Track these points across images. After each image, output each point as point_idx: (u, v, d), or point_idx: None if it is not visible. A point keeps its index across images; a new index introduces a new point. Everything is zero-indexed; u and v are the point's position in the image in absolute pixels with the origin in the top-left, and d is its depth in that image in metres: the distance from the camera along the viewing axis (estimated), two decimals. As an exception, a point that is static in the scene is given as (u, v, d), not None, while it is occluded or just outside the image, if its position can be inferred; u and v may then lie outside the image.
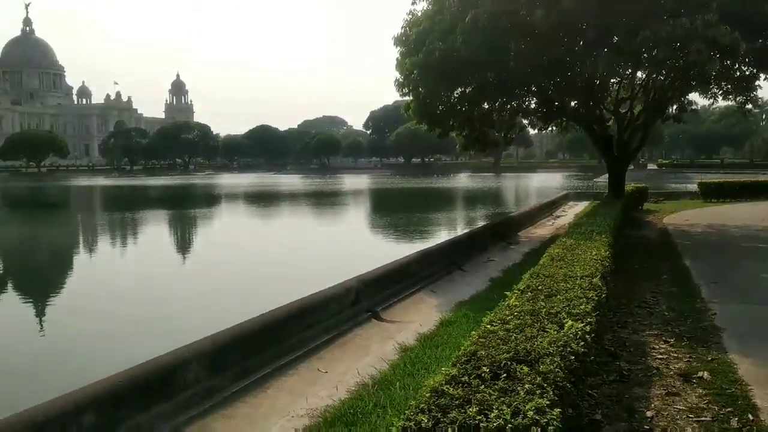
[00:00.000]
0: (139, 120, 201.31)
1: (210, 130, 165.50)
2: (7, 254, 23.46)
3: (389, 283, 10.42)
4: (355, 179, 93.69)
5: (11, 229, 33.37)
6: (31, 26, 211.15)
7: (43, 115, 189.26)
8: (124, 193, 67.00)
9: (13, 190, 74.58)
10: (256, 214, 39.56)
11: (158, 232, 29.61)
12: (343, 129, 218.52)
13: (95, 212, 43.86)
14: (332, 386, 6.36)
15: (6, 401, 7.24)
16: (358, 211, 41.69)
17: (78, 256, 22.77)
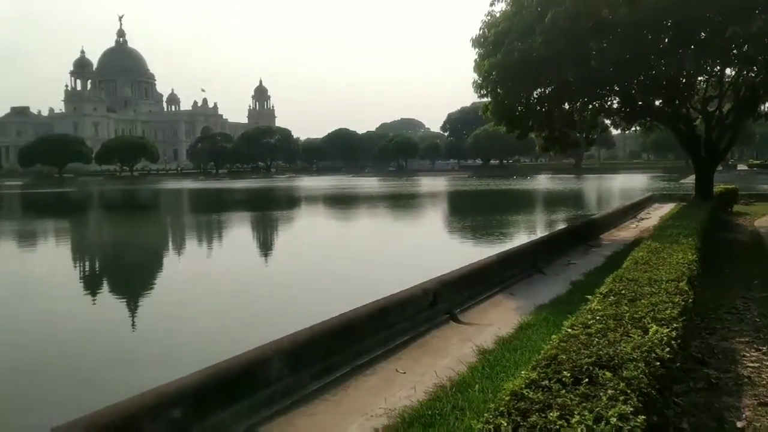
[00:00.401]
0: (224, 125, 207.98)
1: (291, 134, 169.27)
2: (105, 253, 24.70)
3: (467, 286, 10.36)
4: (433, 181, 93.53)
5: (111, 229, 35.14)
6: (124, 37, 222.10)
7: (136, 122, 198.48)
8: (211, 195, 69.32)
9: (109, 193, 78.51)
10: (335, 216, 40.12)
11: (242, 232, 30.47)
12: (421, 131, 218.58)
13: (186, 213, 45.59)
14: (410, 387, 6.38)
15: (101, 393, 7.64)
16: (436, 213, 41.61)
17: (171, 255, 23.72)
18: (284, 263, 20.16)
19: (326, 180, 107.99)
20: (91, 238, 30.94)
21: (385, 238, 26.27)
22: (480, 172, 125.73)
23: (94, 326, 12.29)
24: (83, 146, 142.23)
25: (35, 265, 21.02)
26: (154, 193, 75.48)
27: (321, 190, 73.45)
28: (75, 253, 24.67)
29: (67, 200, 65.94)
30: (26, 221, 40.11)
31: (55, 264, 21.20)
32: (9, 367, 9.56)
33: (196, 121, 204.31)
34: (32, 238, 29.03)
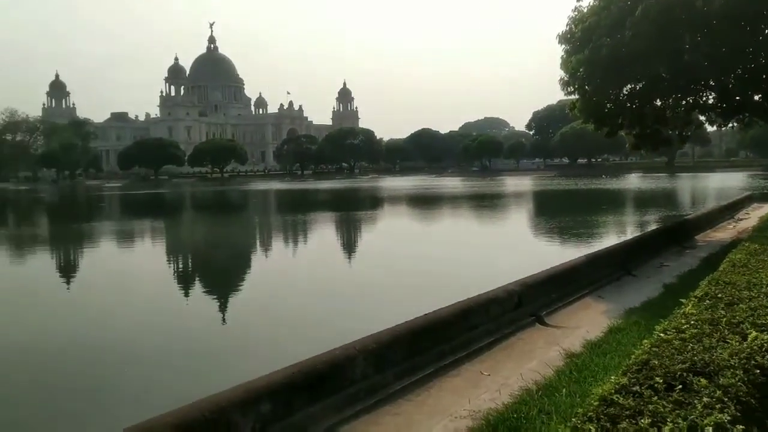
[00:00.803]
0: (309, 127, 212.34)
1: (374, 135, 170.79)
2: (198, 251, 25.71)
3: (554, 288, 10.16)
4: (517, 181, 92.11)
5: (204, 228, 36.55)
6: (215, 44, 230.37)
7: (225, 125, 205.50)
8: (297, 196, 70.88)
9: (201, 194, 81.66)
10: (417, 216, 40.18)
11: (327, 232, 31.00)
12: (505, 130, 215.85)
13: (273, 213, 46.85)
14: (495, 389, 6.34)
15: (194, 386, 7.97)
16: (521, 213, 40.97)
17: (260, 253, 24.44)
18: (367, 263, 20.38)
19: (409, 180, 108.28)
20: (184, 237, 32.27)
21: (468, 239, 26.09)
22: (567, 171, 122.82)
23: (186, 321, 12.83)
24: (177, 149, 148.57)
25: (133, 261, 22.14)
26: (243, 194, 77.90)
27: (404, 190, 73.74)
28: (170, 251, 25.80)
29: (162, 201, 69.07)
30: (125, 221, 42.28)
31: (152, 261, 22.25)
32: (100, 359, 10.12)
33: (282, 123, 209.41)
34: (131, 237, 30.56)
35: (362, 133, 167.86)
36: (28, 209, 60.03)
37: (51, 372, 9.62)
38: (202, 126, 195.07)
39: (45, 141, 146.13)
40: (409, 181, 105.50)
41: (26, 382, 9.19)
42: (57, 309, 14.32)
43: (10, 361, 10.13)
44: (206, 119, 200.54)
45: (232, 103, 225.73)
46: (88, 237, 30.51)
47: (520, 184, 79.99)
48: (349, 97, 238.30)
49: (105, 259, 23.08)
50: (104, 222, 40.75)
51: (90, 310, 13.95)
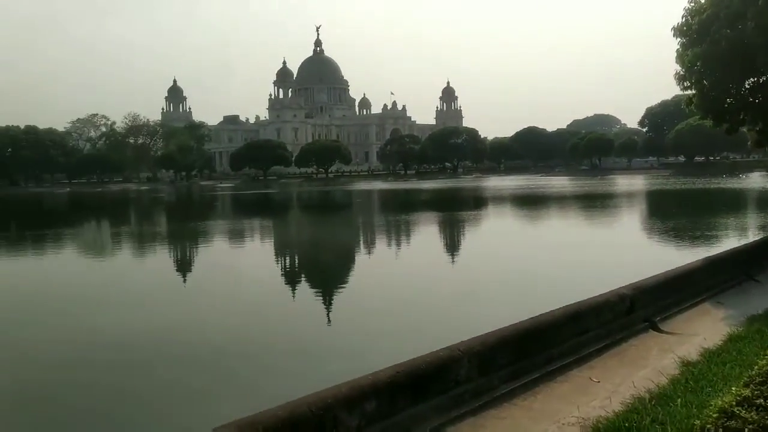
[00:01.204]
0: (412, 127, 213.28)
1: (477, 133, 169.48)
2: (304, 250, 26.50)
3: (669, 292, 9.72)
4: (629, 180, 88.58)
5: (310, 227, 37.64)
6: (321, 47, 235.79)
7: (330, 126, 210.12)
8: (400, 195, 71.46)
9: (307, 193, 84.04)
10: (523, 216, 39.52)
11: (431, 232, 31.06)
12: (616, 128, 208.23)
13: (377, 213, 47.48)
14: (605, 397, 6.16)
15: (298, 383, 8.24)
16: (632, 213, 39.39)
17: (365, 253, 24.85)
18: (472, 264, 20.27)
19: (514, 180, 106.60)
20: (292, 236, 33.32)
21: (577, 240, 25.39)
22: (683, 169, 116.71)
23: (291, 319, 13.26)
24: (284, 150, 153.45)
25: (243, 259, 23.11)
26: (347, 194, 79.41)
27: (509, 189, 72.69)
28: (278, 250, 26.72)
29: (271, 200, 71.61)
30: (238, 219, 44.15)
31: (260, 259, 23.14)
32: (210, 353, 10.63)
33: (385, 123, 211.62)
34: (242, 235, 31.88)
35: (466, 132, 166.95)
36: (150, 208, 63.95)
37: (153, 365, 10.22)
38: (308, 127, 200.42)
39: (164, 143, 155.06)
40: (514, 180, 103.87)
41: (138, 377, 9.82)
42: (169, 304, 15.16)
43: (121, 352, 10.84)
44: (312, 121, 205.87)
45: (337, 105, 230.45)
46: (203, 234, 32.11)
47: (633, 184, 76.87)
48: (453, 96, 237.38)
49: (218, 256, 24.22)
50: (218, 220, 42.75)
51: (200, 306, 14.69)
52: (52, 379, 9.54)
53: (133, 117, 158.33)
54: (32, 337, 11.85)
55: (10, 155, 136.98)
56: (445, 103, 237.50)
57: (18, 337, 11.99)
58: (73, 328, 12.60)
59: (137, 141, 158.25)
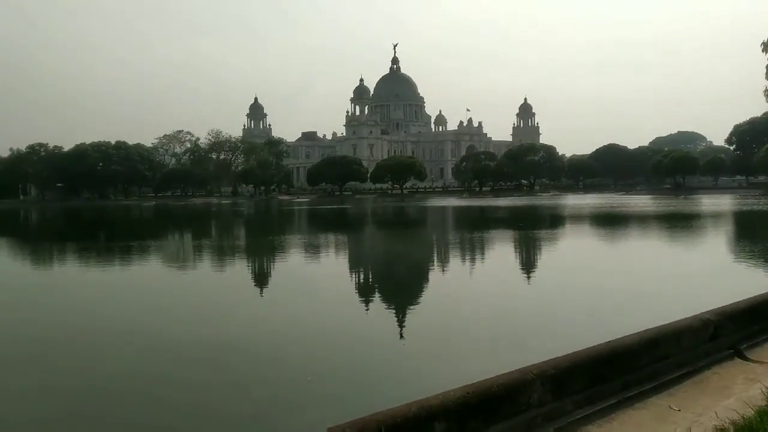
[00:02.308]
0: (487, 143, 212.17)
1: (555, 150, 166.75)
2: (377, 264, 26.68)
3: (757, 319, 9.23)
4: (715, 200, 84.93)
5: (384, 242, 37.89)
6: (398, 64, 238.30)
7: (406, 143, 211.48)
8: (474, 212, 70.98)
9: (382, 209, 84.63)
10: (602, 236, 38.48)
11: (505, 250, 30.67)
12: (702, 145, 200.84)
13: (451, 229, 47.33)
14: (685, 426, 5.91)
15: (367, 399, 8.27)
16: (719, 235, 37.69)
17: (437, 269, 24.80)
18: (547, 283, 19.88)
19: (593, 198, 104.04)
20: (365, 250, 33.58)
21: (658, 262, 24.50)
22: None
23: (363, 334, 13.34)
24: (360, 166, 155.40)
25: (318, 273, 23.47)
26: (422, 210, 79.50)
27: (587, 208, 71.01)
28: (352, 264, 26.99)
29: (346, 215, 72.54)
30: (314, 234, 44.91)
31: (335, 273, 23.43)
32: (289, 364, 10.81)
33: (461, 140, 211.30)
34: (317, 249, 32.39)
35: (543, 149, 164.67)
36: (230, 221, 65.92)
37: (230, 374, 10.47)
38: (384, 143, 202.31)
39: (244, 159, 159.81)
40: (593, 198, 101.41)
41: (224, 384, 10.09)
42: (246, 316, 15.54)
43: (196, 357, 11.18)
44: (388, 137, 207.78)
45: (412, 121, 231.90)
46: (280, 248, 32.81)
47: (719, 204, 73.64)
48: (530, 113, 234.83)
49: (295, 269, 24.68)
50: (295, 234, 43.62)
51: (275, 320, 14.99)
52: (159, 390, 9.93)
53: (215, 133, 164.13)
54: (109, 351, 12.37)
55: (101, 169, 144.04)
56: (521, 119, 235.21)
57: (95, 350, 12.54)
58: (157, 338, 13.09)
59: (219, 156, 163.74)
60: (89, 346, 12.48)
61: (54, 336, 13.45)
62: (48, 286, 21.36)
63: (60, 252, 34.61)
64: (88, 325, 14.39)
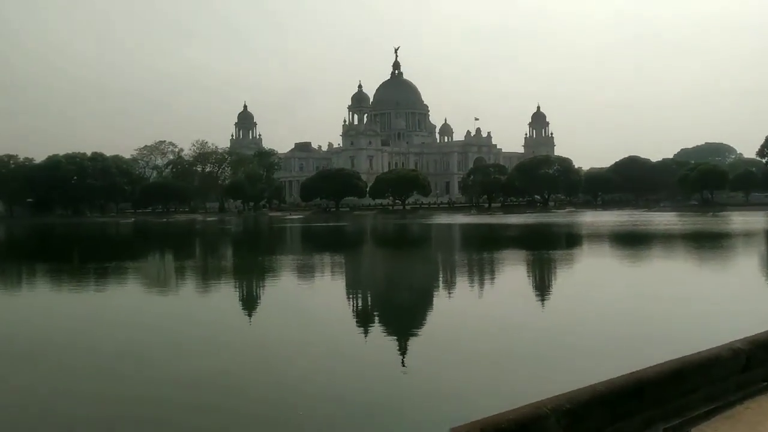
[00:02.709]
0: (497, 155, 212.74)
1: (571, 163, 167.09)
2: (377, 288, 26.65)
3: (792, 349, 9.24)
4: (747, 217, 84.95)
5: (384, 263, 37.88)
6: (399, 69, 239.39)
7: (408, 155, 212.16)
8: (484, 231, 70.98)
9: (381, 227, 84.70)
10: (624, 257, 38.46)
11: (516, 273, 30.63)
12: (731, 158, 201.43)
13: (456, 249, 47.30)
14: (715, 467, 5.89)
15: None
16: (751, 256, 37.67)
17: (442, 293, 24.77)
18: (563, 310, 19.85)
19: (612, 215, 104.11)
20: (364, 273, 33.56)
21: (684, 286, 24.48)
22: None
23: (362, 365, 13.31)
24: (358, 180, 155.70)
25: (312, 298, 23.44)
26: (426, 228, 79.51)
27: (607, 226, 71.03)
28: (349, 288, 26.96)
29: (342, 233, 72.55)
30: (306, 254, 44.91)
31: (330, 298, 23.39)
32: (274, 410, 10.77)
33: (468, 151, 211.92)
34: (311, 271, 32.36)
35: (558, 161, 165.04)
36: (216, 240, 65.93)
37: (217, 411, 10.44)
38: (384, 155, 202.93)
39: (232, 172, 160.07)
40: (613, 216, 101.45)
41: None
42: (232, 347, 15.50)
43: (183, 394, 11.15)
44: (389, 148, 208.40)
45: (415, 131, 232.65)
46: (270, 270, 32.78)
47: (752, 222, 73.64)
48: (544, 122, 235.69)
49: (287, 294, 24.66)
50: (287, 255, 43.60)
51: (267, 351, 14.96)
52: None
53: (200, 144, 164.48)
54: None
55: (76, 183, 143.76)
56: (534, 129, 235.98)
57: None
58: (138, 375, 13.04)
59: (205, 169, 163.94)
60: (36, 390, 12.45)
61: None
62: (4, 314, 21.34)
63: (28, 274, 34.59)
64: (40, 365, 14.27)
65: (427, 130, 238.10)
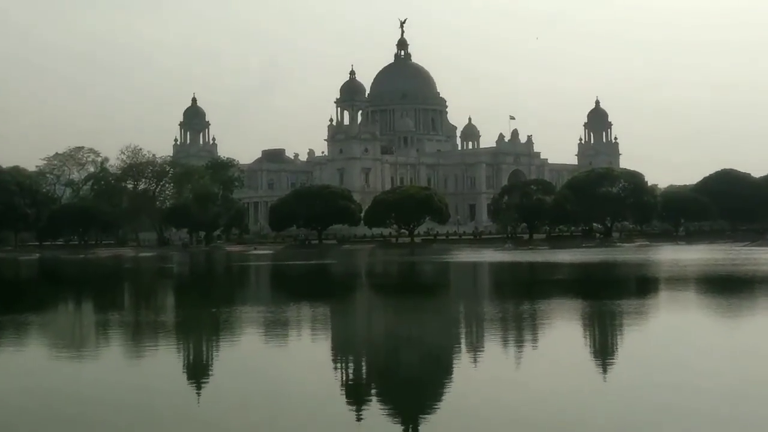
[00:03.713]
0: (541, 168, 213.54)
1: (642, 179, 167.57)
2: (380, 352, 26.44)
3: None
4: None
5: (386, 319, 37.62)
6: (406, 49, 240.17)
7: (418, 166, 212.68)
8: (523, 272, 70.65)
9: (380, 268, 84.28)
10: (718, 311, 38.19)
11: (573, 331, 30.43)
12: None
13: (486, 298, 47.01)
14: None
15: None
16: None
17: (465, 359, 24.56)
18: (632, 383, 19.65)
19: (702, 251, 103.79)
20: (358, 332, 33.36)
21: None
22: None
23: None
24: (349, 201, 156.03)
25: (287, 366, 23.21)
26: (442, 268, 79.23)
27: (694, 267, 70.78)
28: (336, 353, 26.76)
29: (328, 276, 72.29)
30: (277, 305, 44.62)
31: (310, 365, 23.18)
32: None
33: (501, 163, 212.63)
34: (284, 329, 32.11)
35: (624, 176, 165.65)
36: (151, 285, 65.64)
37: None
38: (386, 167, 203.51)
39: (175, 189, 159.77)
40: (701, 252, 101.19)
41: None
42: None
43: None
44: (391, 158, 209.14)
45: (428, 134, 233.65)
46: (228, 327, 32.58)
47: None
48: (604, 123, 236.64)
49: (250, 361, 24.45)
50: (250, 306, 43.35)
51: None
52: None
53: (132, 151, 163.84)
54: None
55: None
56: (592, 132, 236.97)
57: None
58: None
59: (138, 186, 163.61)
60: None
61: None
62: None
63: None
64: None
65: (445, 133, 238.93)
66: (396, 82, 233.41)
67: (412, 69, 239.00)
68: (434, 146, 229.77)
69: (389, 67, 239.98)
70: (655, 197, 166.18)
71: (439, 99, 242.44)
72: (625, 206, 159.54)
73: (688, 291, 49.51)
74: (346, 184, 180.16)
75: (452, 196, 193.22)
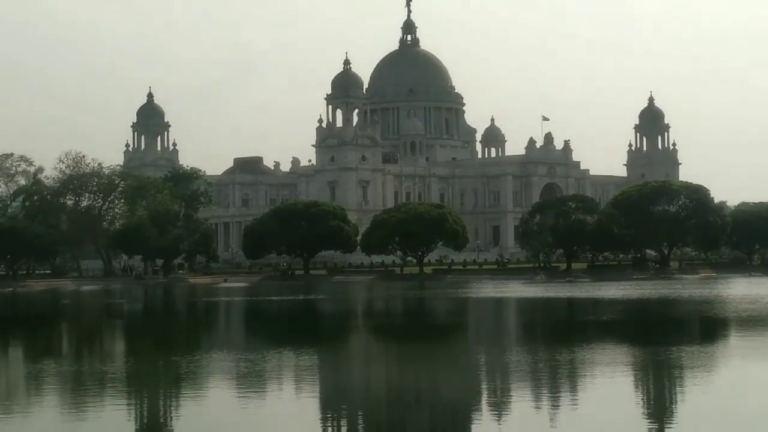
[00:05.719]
0: (581, 181, 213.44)
1: (708, 195, 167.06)
2: (380, 407, 26.43)
3: None
4: None
5: (405, 368, 37.64)
6: (413, 33, 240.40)
7: (428, 179, 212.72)
8: (559, 311, 70.58)
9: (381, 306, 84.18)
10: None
11: (621, 383, 30.43)
12: None
13: (514, 344, 46.99)
14: None
15: None
16: None
17: (489, 415, 24.56)
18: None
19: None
20: (353, 383, 33.35)
21: None
22: None
23: None
24: (343, 222, 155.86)
25: (264, 424, 23.22)
26: (459, 305, 79.20)
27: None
28: (326, 408, 26.76)
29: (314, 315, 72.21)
30: (251, 351, 44.64)
31: (291, 421, 23.18)
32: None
33: (532, 174, 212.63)
34: (260, 380, 32.12)
35: (685, 191, 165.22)
36: (96, 326, 65.50)
37: None
38: (388, 180, 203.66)
39: (127, 208, 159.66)
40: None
41: None
42: None
43: None
44: (395, 168, 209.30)
45: (441, 139, 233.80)
46: (188, 379, 32.56)
47: None
48: (660, 125, 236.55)
49: (217, 417, 24.45)
50: (217, 353, 43.35)
51: None
52: None
53: (72, 159, 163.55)
54: None
55: None
56: (644, 136, 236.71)
57: None
58: None
59: (80, 202, 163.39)
60: None
61: None
62: None
63: None
64: None
65: (462, 138, 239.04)
66: (401, 73, 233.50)
67: (421, 58, 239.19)
68: (448, 153, 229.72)
69: (392, 55, 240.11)
70: (723, 217, 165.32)
71: (454, 95, 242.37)
72: (686, 228, 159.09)
73: (760, 332, 49.46)
74: (338, 201, 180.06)
75: (471, 216, 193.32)
